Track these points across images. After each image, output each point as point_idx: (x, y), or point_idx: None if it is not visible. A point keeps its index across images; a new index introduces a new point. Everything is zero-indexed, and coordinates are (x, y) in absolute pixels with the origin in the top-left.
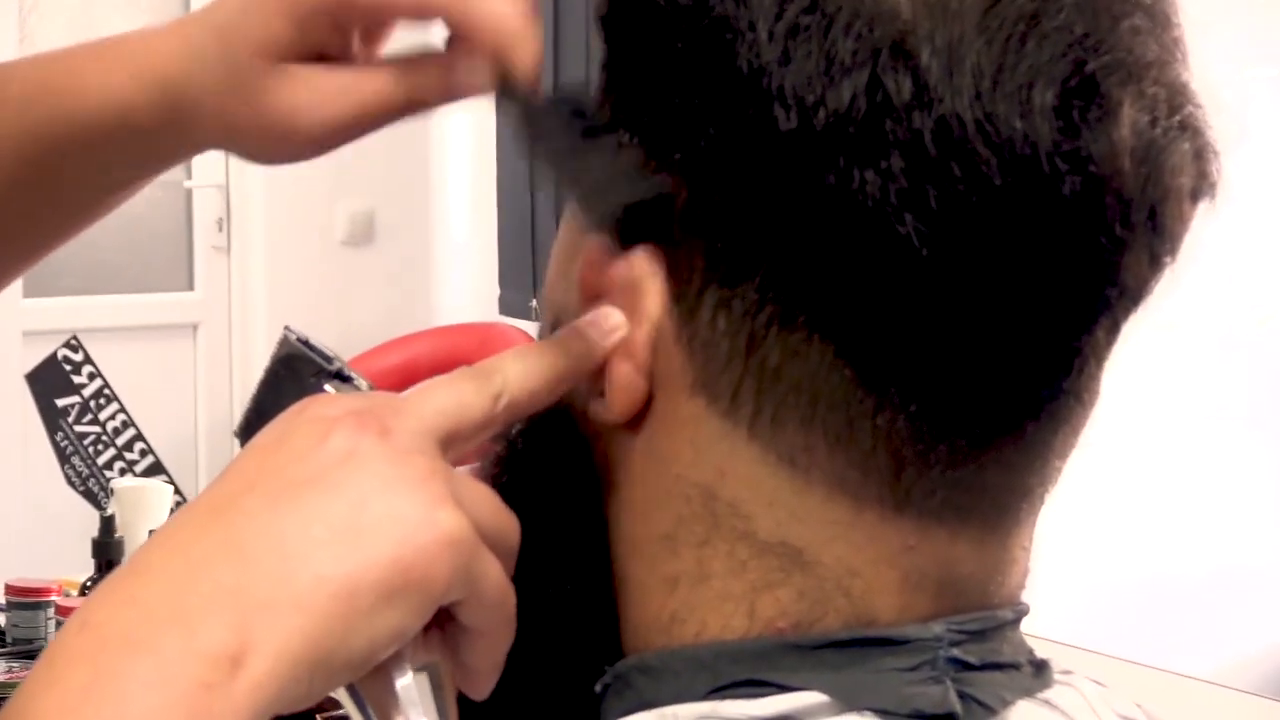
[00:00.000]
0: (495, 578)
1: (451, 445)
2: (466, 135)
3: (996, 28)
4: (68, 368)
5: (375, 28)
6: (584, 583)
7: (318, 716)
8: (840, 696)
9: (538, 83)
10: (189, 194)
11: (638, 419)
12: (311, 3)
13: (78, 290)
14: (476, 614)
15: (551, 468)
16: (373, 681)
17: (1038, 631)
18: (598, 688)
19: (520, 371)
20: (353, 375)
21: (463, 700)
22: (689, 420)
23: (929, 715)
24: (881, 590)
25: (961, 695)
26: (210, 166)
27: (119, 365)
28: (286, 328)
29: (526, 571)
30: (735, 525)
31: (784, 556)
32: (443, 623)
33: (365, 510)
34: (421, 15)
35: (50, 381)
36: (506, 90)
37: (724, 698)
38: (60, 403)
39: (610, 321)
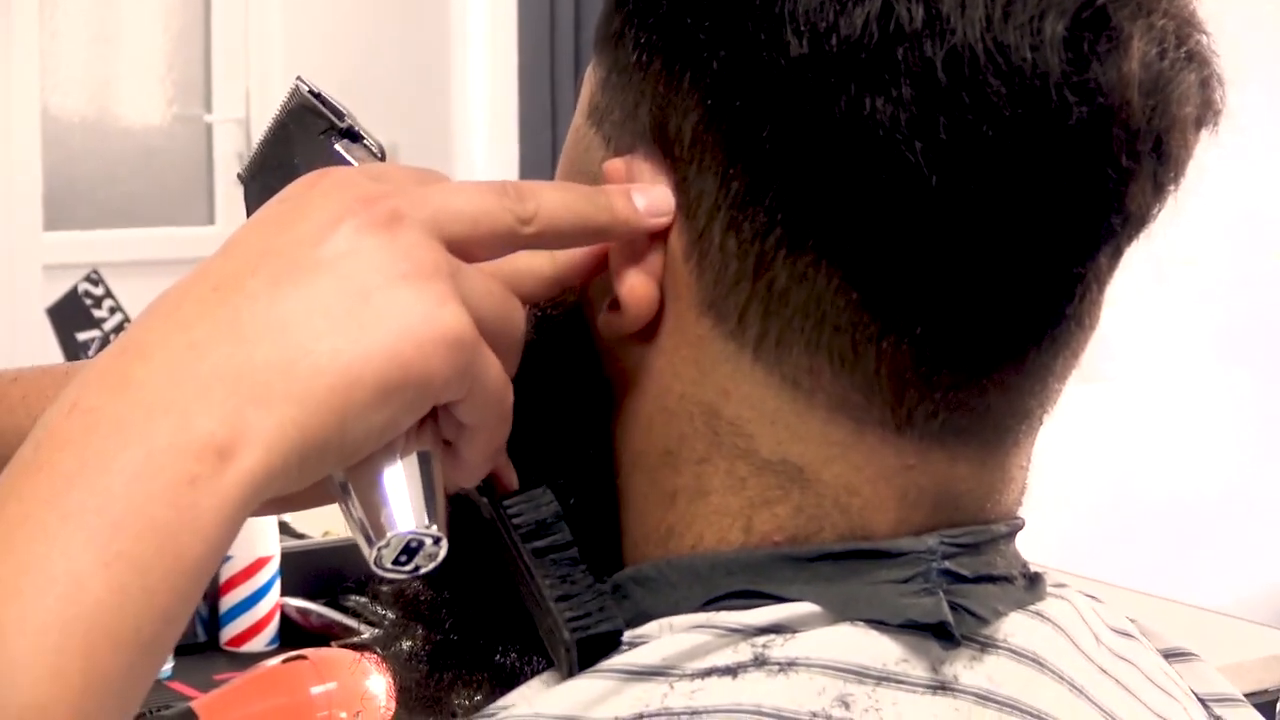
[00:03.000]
0: (494, 376)
1: (462, 251)
2: (487, 69)
3: None
4: (88, 302)
5: None
6: (586, 494)
7: (333, 643)
8: (833, 608)
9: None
10: (209, 128)
11: (647, 335)
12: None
13: (98, 224)
14: (473, 412)
15: (564, 378)
16: (361, 470)
17: (1051, 564)
18: None
19: (558, 204)
20: (363, 134)
21: (464, 617)
22: (695, 340)
23: (921, 625)
24: (879, 507)
25: (954, 606)
26: (231, 100)
27: (140, 299)
28: (299, 78)
29: (530, 479)
30: (736, 443)
31: (783, 475)
32: (437, 413)
33: (368, 303)
34: None
35: (71, 315)
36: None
37: (719, 608)
38: (81, 337)
39: (662, 202)
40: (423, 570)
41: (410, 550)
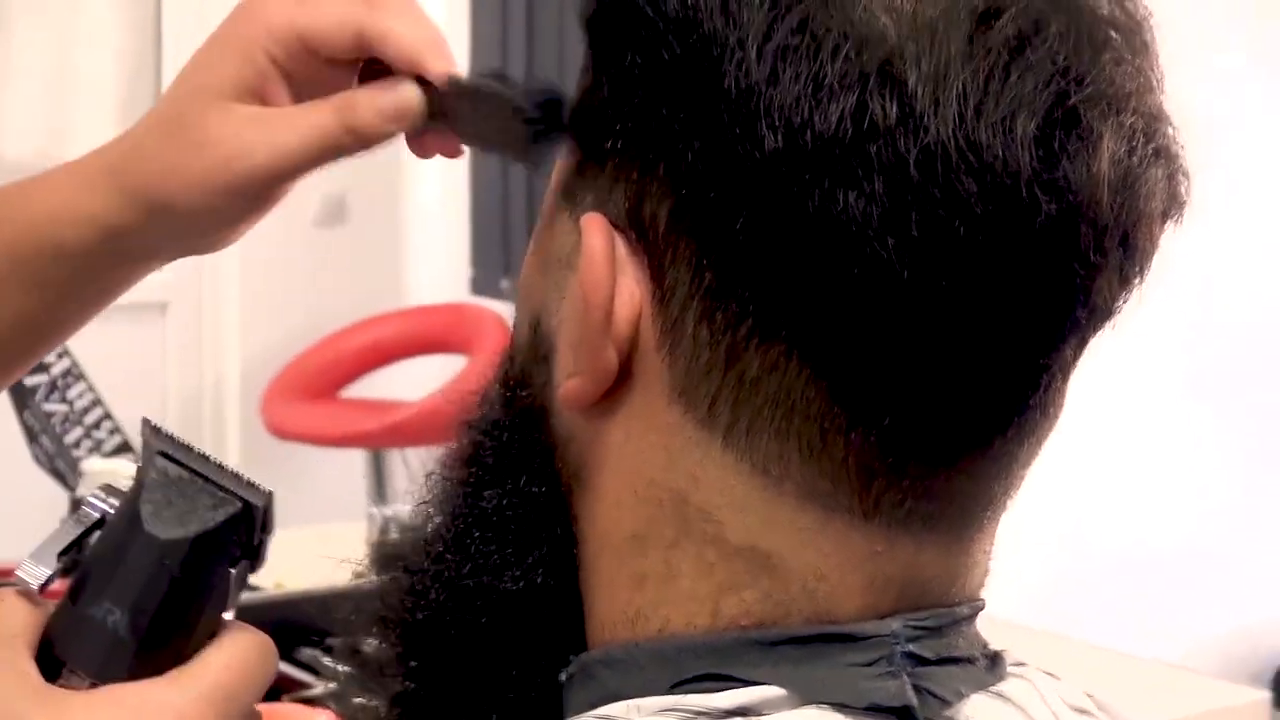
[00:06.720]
0: None
1: None
2: None
3: (983, 55)
4: None
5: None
6: (551, 575)
7: (284, 697)
8: (798, 691)
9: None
10: None
11: (614, 417)
12: (260, 39)
13: None
14: None
15: (519, 468)
16: None
17: (1004, 616)
18: (562, 677)
19: None
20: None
21: (429, 686)
22: (664, 426)
23: (885, 708)
24: (845, 593)
25: (917, 689)
26: None
27: (87, 343)
28: (145, 420)
29: (496, 563)
30: (705, 529)
31: (751, 561)
32: None
33: None
34: (360, 50)
35: None
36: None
37: (685, 692)
38: (28, 381)
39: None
40: None
41: None
